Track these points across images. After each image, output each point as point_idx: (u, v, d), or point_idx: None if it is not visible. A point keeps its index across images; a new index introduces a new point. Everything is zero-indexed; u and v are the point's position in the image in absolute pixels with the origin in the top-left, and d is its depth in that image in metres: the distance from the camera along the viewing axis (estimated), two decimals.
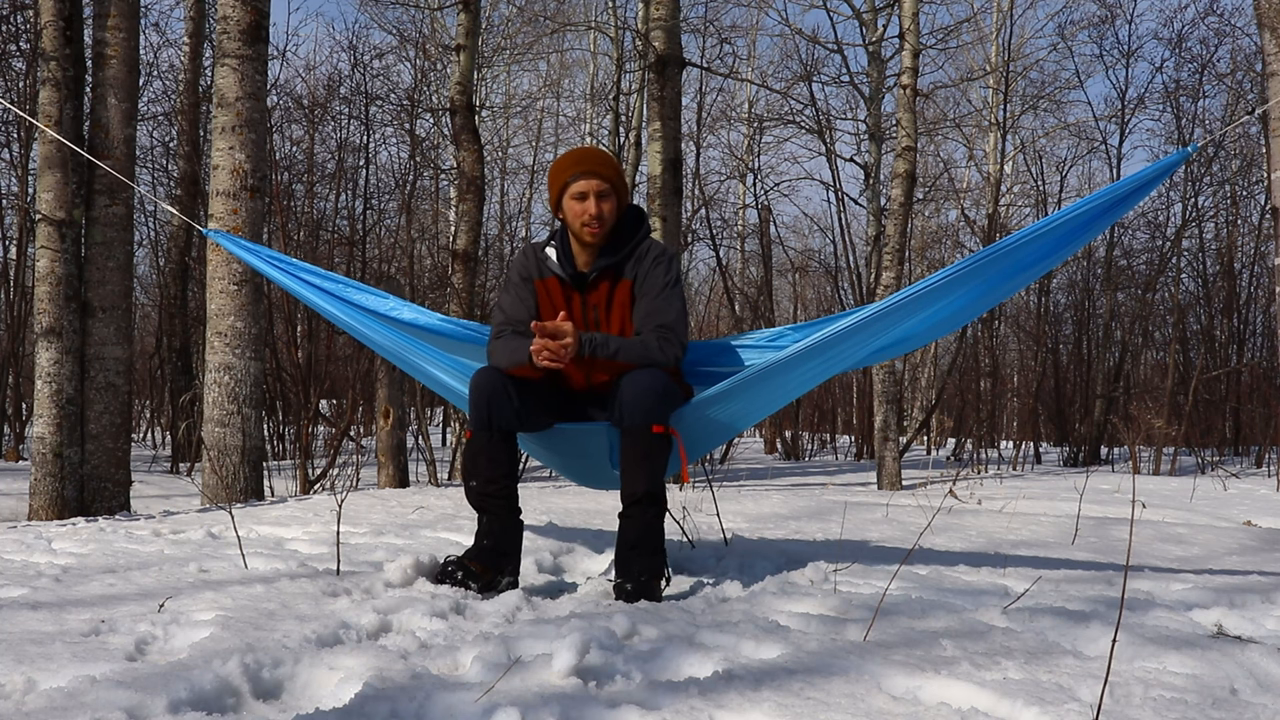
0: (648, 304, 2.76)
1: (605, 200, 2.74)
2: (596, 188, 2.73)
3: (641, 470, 2.61)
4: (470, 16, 8.61)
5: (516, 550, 2.70)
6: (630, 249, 2.80)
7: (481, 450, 2.67)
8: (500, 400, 2.65)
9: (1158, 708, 1.59)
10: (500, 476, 2.67)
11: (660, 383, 2.62)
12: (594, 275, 2.78)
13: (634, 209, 2.87)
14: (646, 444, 2.59)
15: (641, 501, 2.61)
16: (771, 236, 15.40)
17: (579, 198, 2.74)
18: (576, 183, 2.74)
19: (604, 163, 2.78)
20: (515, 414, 2.68)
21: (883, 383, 8.59)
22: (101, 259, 5.32)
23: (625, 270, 2.79)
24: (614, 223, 2.79)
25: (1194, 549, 3.82)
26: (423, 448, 7.89)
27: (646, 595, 2.52)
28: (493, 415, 2.64)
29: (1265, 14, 3.67)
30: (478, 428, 2.66)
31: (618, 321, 2.79)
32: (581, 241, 2.79)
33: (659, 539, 2.64)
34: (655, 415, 2.59)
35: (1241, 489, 8.18)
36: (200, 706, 1.58)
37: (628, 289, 2.78)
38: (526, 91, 21.54)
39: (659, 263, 2.78)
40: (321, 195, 12.67)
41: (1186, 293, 16.41)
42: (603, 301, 2.79)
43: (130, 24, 5.44)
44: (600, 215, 2.73)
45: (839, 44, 13.02)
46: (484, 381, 2.66)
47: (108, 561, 2.88)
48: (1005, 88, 14.78)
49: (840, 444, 16.29)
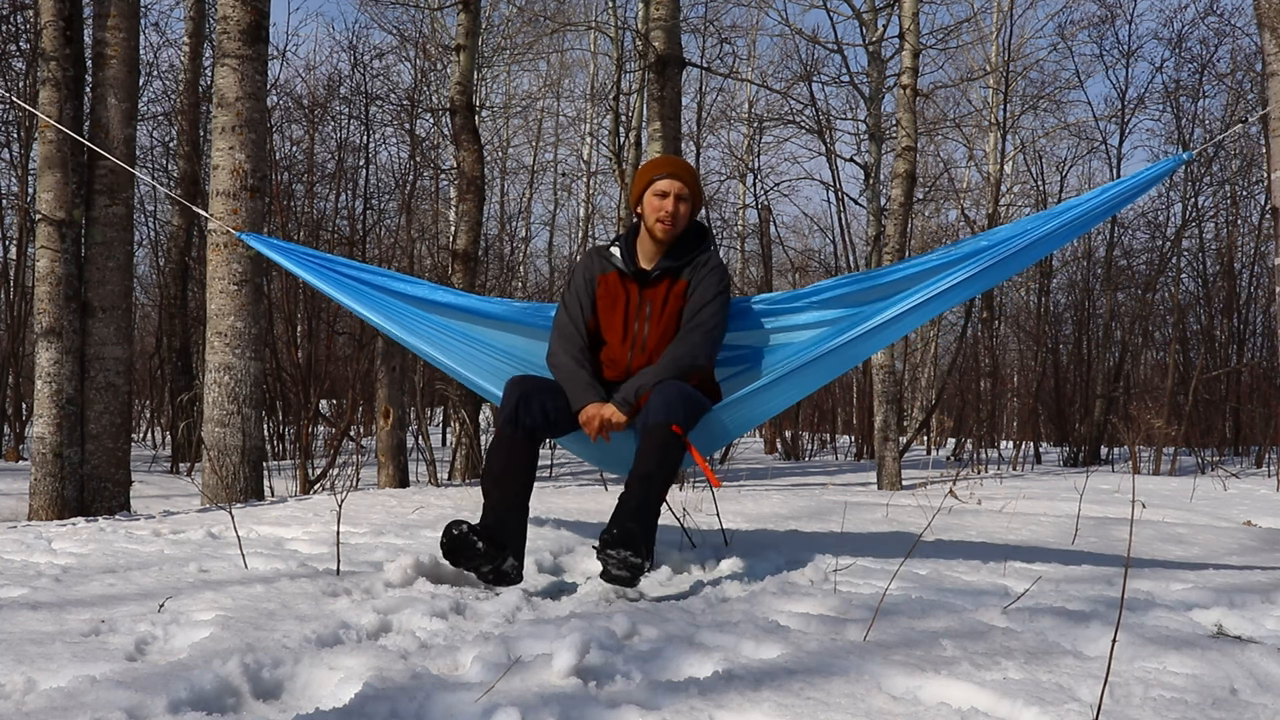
0: (695, 308, 3.01)
1: (683, 203, 3.02)
2: (678, 189, 3.01)
3: (654, 456, 2.72)
4: (470, 16, 8.61)
5: (521, 536, 2.73)
6: (692, 257, 3.06)
7: (503, 447, 2.80)
8: (531, 402, 2.83)
9: (1158, 708, 1.59)
10: (516, 474, 2.78)
11: (687, 394, 2.82)
12: (656, 274, 3.04)
13: (699, 225, 3.14)
14: (664, 438, 2.72)
15: (648, 477, 2.70)
16: (771, 236, 15.40)
17: (660, 195, 3.01)
18: (661, 181, 3.02)
19: (687, 172, 3.07)
20: (543, 417, 2.86)
21: (883, 383, 8.59)
22: (101, 259, 5.32)
23: (684, 274, 3.05)
24: (684, 227, 3.05)
25: (1194, 549, 3.82)
26: (423, 448, 7.89)
27: (630, 547, 2.52)
28: (519, 416, 2.81)
29: (1265, 14, 3.67)
30: (503, 424, 2.82)
31: (668, 317, 3.03)
32: (653, 237, 3.04)
33: (652, 518, 2.70)
34: (677, 418, 2.74)
35: (1241, 489, 8.18)
36: (200, 706, 1.58)
37: (682, 291, 3.04)
38: (526, 91, 21.56)
39: (715, 273, 3.04)
40: (321, 195, 12.66)
41: (1186, 293, 16.41)
42: (659, 298, 3.03)
43: (130, 24, 5.44)
44: (675, 214, 3.00)
45: (839, 44, 13.01)
46: (518, 384, 2.88)
47: (108, 561, 2.88)
48: (1005, 88, 14.77)
49: (840, 444, 16.28)
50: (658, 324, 3.03)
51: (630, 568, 2.55)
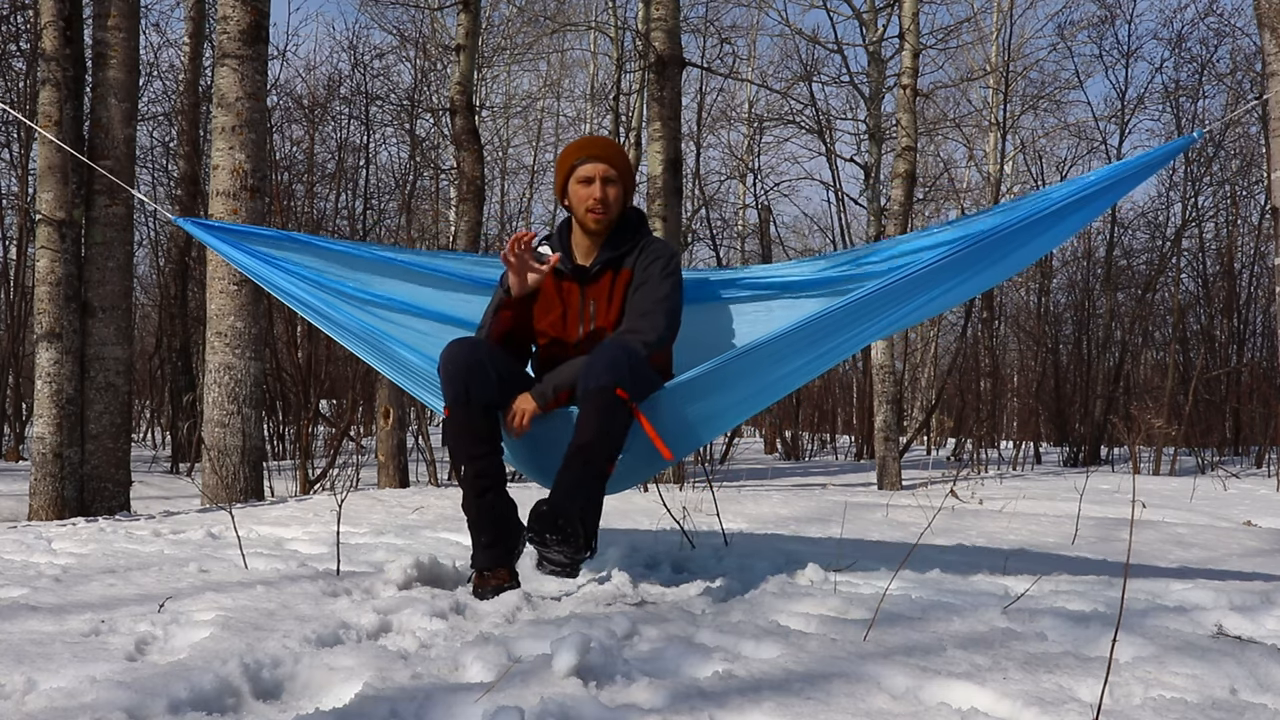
0: (640, 294, 2.70)
1: (611, 186, 2.72)
2: (603, 172, 2.71)
3: (594, 423, 2.38)
4: (470, 17, 8.61)
5: (519, 531, 2.59)
6: (633, 244, 2.77)
7: (462, 427, 2.50)
8: (475, 372, 2.49)
9: (1158, 708, 1.59)
10: (487, 452, 2.51)
11: (629, 354, 2.45)
12: (596, 269, 2.75)
13: (635, 210, 2.84)
14: (605, 401, 2.38)
15: (586, 447, 2.37)
16: (771, 236, 15.41)
17: (585, 182, 2.72)
18: (583, 166, 2.72)
19: (612, 149, 2.76)
20: (495, 386, 2.53)
21: (883, 383, 8.59)
22: (101, 259, 5.32)
23: (626, 262, 2.75)
24: (618, 213, 2.76)
25: (1194, 549, 3.82)
26: (423, 448, 7.89)
27: (564, 530, 2.26)
28: (471, 389, 2.48)
29: (1265, 14, 3.67)
30: (454, 403, 2.49)
31: (616, 313, 2.73)
32: (585, 229, 2.75)
33: (594, 495, 2.40)
34: (621, 379, 2.39)
35: (1241, 489, 8.17)
36: (200, 706, 1.58)
37: (626, 280, 2.74)
38: (526, 91, 21.55)
39: (659, 256, 2.74)
40: (321, 195, 12.67)
41: (1186, 293, 16.40)
42: (603, 294, 2.74)
43: (130, 24, 5.44)
44: (605, 200, 2.70)
45: (839, 44, 13.01)
46: (459, 353, 2.51)
47: (108, 562, 2.88)
48: (1005, 88, 14.77)
49: (840, 444, 16.28)
50: (606, 325, 2.72)
51: (565, 553, 2.29)
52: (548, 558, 2.33)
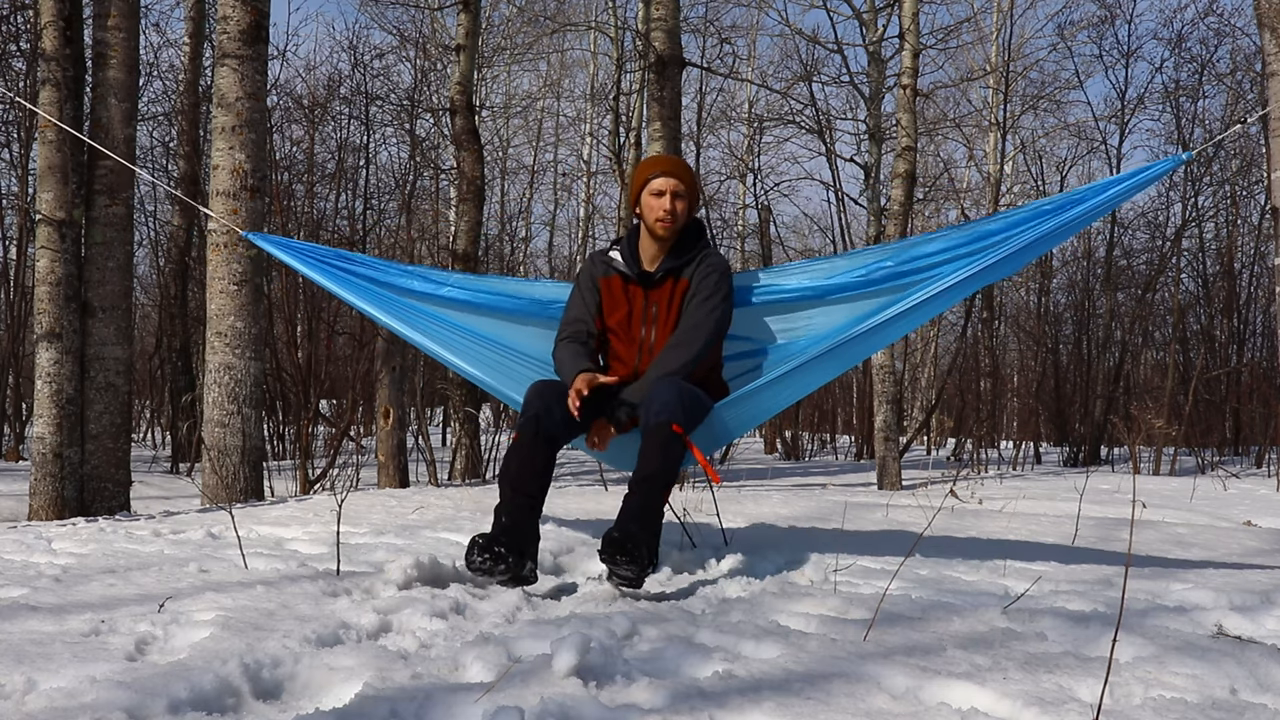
0: (694, 304, 3.04)
1: (679, 200, 3.05)
2: (674, 187, 3.05)
3: (656, 458, 2.74)
4: (470, 16, 8.61)
5: (535, 539, 2.78)
6: (694, 255, 3.09)
7: (523, 450, 2.83)
8: (554, 411, 2.86)
9: (1158, 708, 1.59)
10: (534, 478, 2.81)
11: (685, 392, 2.83)
12: (660, 275, 3.08)
13: (697, 221, 3.17)
14: (664, 438, 2.74)
15: (649, 479, 2.73)
16: (771, 236, 15.40)
17: (657, 195, 3.05)
18: (656, 180, 3.06)
19: (681, 168, 3.11)
20: (564, 426, 2.89)
21: (883, 383, 8.59)
22: (101, 259, 5.32)
23: (685, 272, 3.08)
24: (684, 224, 3.09)
25: (1194, 549, 3.82)
26: (423, 448, 7.88)
27: (633, 551, 2.54)
28: (540, 422, 2.84)
29: (1265, 14, 3.67)
30: (523, 426, 2.87)
31: (674, 318, 3.07)
32: (654, 236, 3.07)
33: (656, 520, 2.72)
34: (677, 417, 2.75)
35: (1241, 489, 8.17)
36: (200, 706, 1.58)
37: (685, 288, 3.07)
38: (526, 91, 21.56)
39: (714, 270, 3.06)
40: (321, 195, 12.67)
41: (1186, 293, 16.40)
42: (664, 299, 3.08)
43: (130, 24, 5.44)
44: (674, 211, 3.03)
45: (839, 44, 13.00)
46: (543, 390, 2.91)
47: (108, 562, 2.88)
48: (1005, 88, 14.77)
49: (840, 444, 16.27)
50: (665, 326, 3.08)
51: (634, 570, 2.57)
52: (618, 574, 2.60)
